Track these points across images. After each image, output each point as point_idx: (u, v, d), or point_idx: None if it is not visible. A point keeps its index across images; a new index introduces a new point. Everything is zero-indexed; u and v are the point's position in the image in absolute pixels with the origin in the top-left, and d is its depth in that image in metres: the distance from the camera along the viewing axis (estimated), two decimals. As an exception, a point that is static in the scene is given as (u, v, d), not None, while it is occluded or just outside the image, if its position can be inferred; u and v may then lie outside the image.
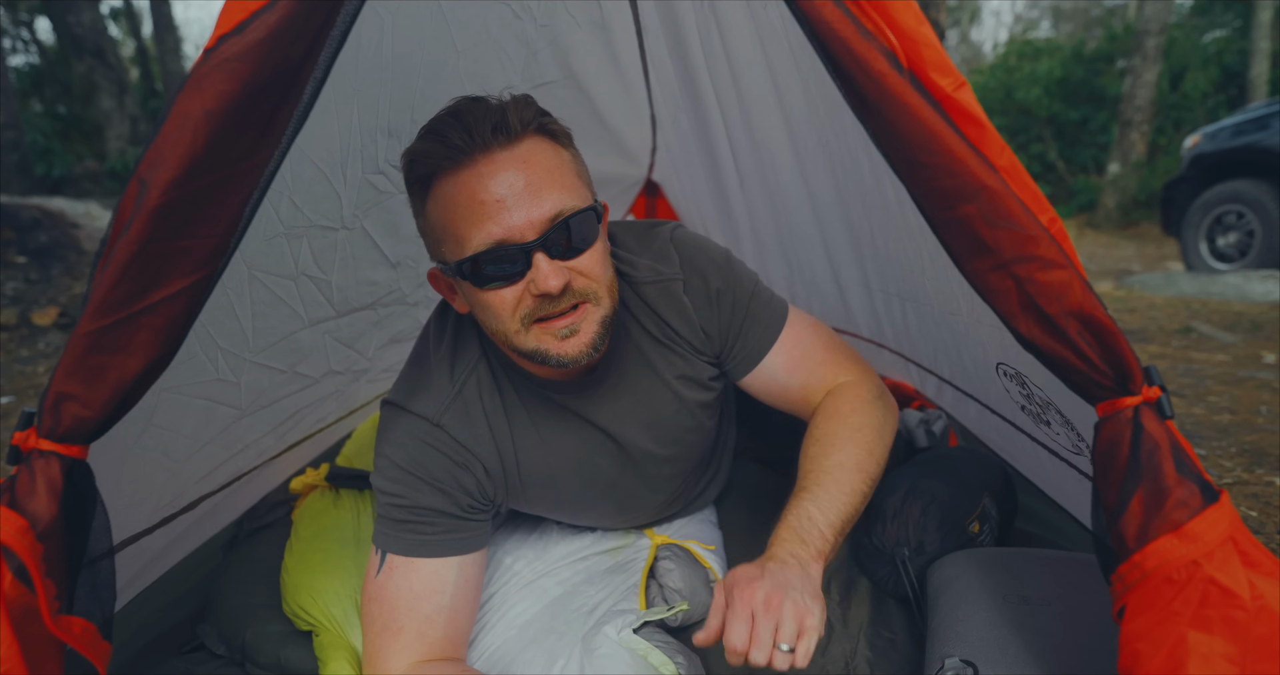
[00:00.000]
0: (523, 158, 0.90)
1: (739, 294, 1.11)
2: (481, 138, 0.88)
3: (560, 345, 0.95)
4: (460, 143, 0.88)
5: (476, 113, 0.90)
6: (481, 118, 0.89)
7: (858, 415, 1.06)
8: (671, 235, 1.12)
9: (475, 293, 0.94)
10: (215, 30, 0.72)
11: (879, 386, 1.14)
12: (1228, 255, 5.51)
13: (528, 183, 0.89)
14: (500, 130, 0.89)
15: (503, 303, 0.93)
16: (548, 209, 0.90)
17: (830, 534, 0.93)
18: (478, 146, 0.89)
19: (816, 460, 1.01)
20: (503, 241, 0.89)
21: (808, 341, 1.15)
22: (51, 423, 0.76)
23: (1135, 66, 10.42)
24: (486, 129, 0.88)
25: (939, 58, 0.79)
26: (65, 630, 0.76)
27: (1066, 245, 0.79)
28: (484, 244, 0.89)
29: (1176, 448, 0.74)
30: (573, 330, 0.95)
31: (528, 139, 0.91)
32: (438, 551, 1.03)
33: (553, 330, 0.94)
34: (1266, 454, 2.13)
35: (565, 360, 0.96)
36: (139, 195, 0.72)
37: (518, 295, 0.92)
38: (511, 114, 0.90)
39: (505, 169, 0.89)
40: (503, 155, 0.89)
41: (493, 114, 0.89)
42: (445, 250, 0.95)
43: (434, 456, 1.05)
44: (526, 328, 0.94)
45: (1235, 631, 0.66)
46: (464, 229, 0.90)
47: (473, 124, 0.89)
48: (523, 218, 0.89)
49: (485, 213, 0.88)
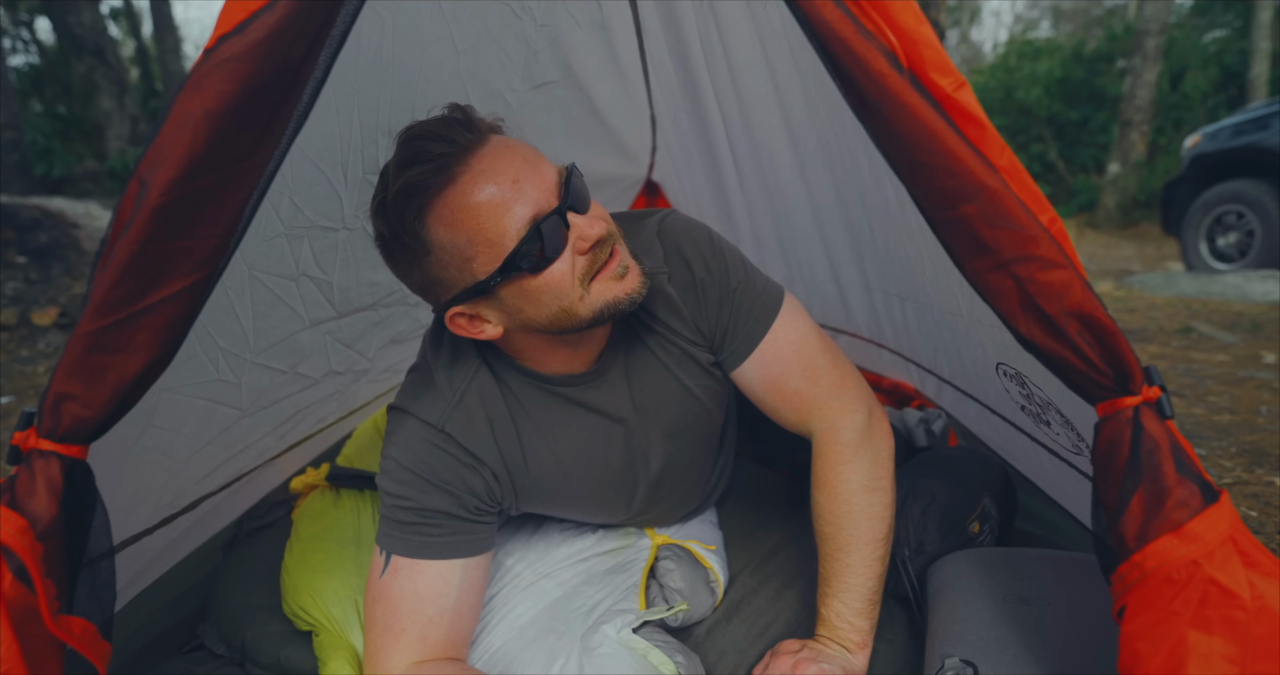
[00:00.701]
0: (503, 142, 0.90)
1: (723, 287, 1.09)
2: (464, 139, 0.87)
3: (623, 285, 0.96)
4: (446, 151, 0.86)
5: (438, 127, 0.88)
6: (449, 126, 0.88)
7: (852, 488, 1.08)
8: (659, 227, 1.11)
9: (530, 283, 0.92)
10: (215, 30, 0.72)
11: (865, 415, 1.11)
12: (1228, 255, 5.50)
13: (524, 158, 0.89)
14: (471, 128, 0.89)
15: (562, 275, 0.92)
16: (551, 173, 0.91)
17: (864, 623, 1.04)
18: (464, 148, 0.87)
19: (833, 559, 1.07)
20: (536, 217, 0.88)
21: (786, 360, 1.11)
22: (51, 423, 0.76)
23: (1135, 66, 10.42)
24: (461, 131, 0.88)
25: (939, 58, 0.79)
26: (65, 630, 0.76)
27: (1066, 245, 0.79)
28: (522, 227, 0.88)
29: (1176, 448, 0.74)
30: (625, 267, 0.96)
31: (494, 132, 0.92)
32: (443, 553, 1.03)
33: (610, 274, 0.95)
34: (1266, 454, 2.13)
35: (634, 295, 0.96)
36: (139, 195, 0.72)
37: (570, 262, 0.92)
38: (470, 114, 0.90)
39: (501, 155, 0.88)
40: (490, 147, 0.89)
41: (455, 120, 0.89)
42: (476, 265, 0.89)
43: (441, 458, 1.05)
44: (587, 288, 0.94)
45: (1235, 631, 0.66)
46: (493, 226, 0.87)
47: (443, 133, 0.87)
48: (539, 188, 0.89)
49: (508, 198, 0.87)
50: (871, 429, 1.11)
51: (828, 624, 1.05)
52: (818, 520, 1.10)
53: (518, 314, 0.96)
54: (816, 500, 1.10)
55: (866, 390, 1.14)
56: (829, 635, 1.04)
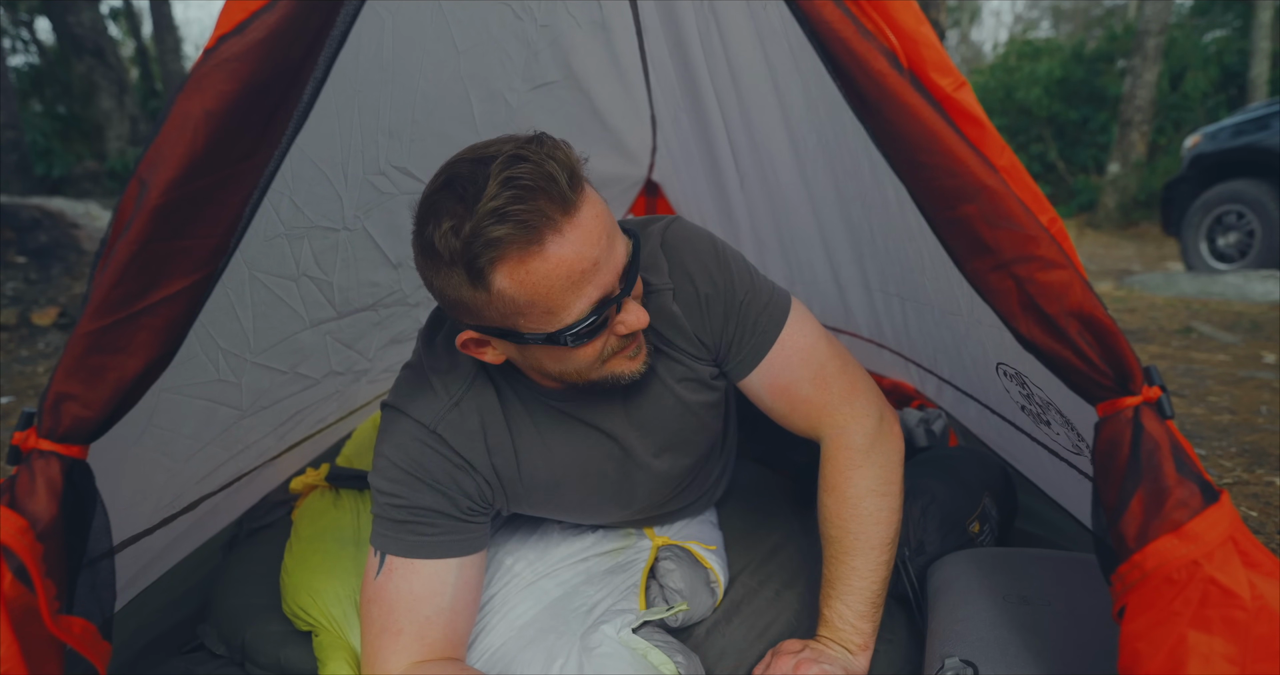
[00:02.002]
0: (596, 209, 0.85)
1: (729, 301, 1.07)
2: (564, 202, 0.81)
3: (631, 364, 0.99)
4: (539, 220, 0.79)
5: (539, 176, 0.79)
6: (547, 181, 0.79)
7: (861, 492, 1.07)
8: (663, 238, 1.08)
9: (560, 352, 0.92)
10: (215, 30, 0.72)
11: (876, 420, 1.10)
12: (1228, 255, 5.50)
13: (606, 234, 0.86)
14: (575, 185, 0.82)
15: (593, 351, 0.93)
16: (621, 253, 0.89)
17: (866, 625, 1.04)
18: (560, 215, 0.81)
19: (837, 562, 1.07)
20: (601, 300, 0.87)
21: (795, 368, 1.09)
22: (51, 423, 0.76)
23: (1135, 66, 10.42)
24: (560, 191, 0.80)
25: (939, 58, 0.79)
26: (65, 630, 0.76)
27: (1066, 245, 0.79)
28: (586, 310, 0.86)
29: (1176, 448, 0.74)
30: (640, 346, 0.99)
31: (587, 180, 0.86)
32: (437, 553, 1.03)
33: (627, 355, 0.97)
34: (1266, 454, 2.13)
35: (635, 375, 0.99)
36: (139, 195, 0.72)
37: (604, 341, 0.93)
38: (568, 160, 0.82)
39: (590, 228, 0.83)
40: (584, 214, 0.83)
41: (554, 171, 0.80)
42: (523, 323, 0.87)
43: (433, 458, 1.05)
44: (603, 363, 0.96)
45: (1235, 631, 0.66)
46: (559, 300, 0.84)
47: (541, 189, 0.79)
48: (612, 272, 0.87)
49: (585, 280, 0.84)
50: (882, 433, 1.10)
51: (830, 625, 1.05)
52: (824, 523, 1.09)
53: (534, 362, 0.98)
54: (824, 503, 1.10)
55: (877, 394, 1.13)
56: (831, 636, 1.04)
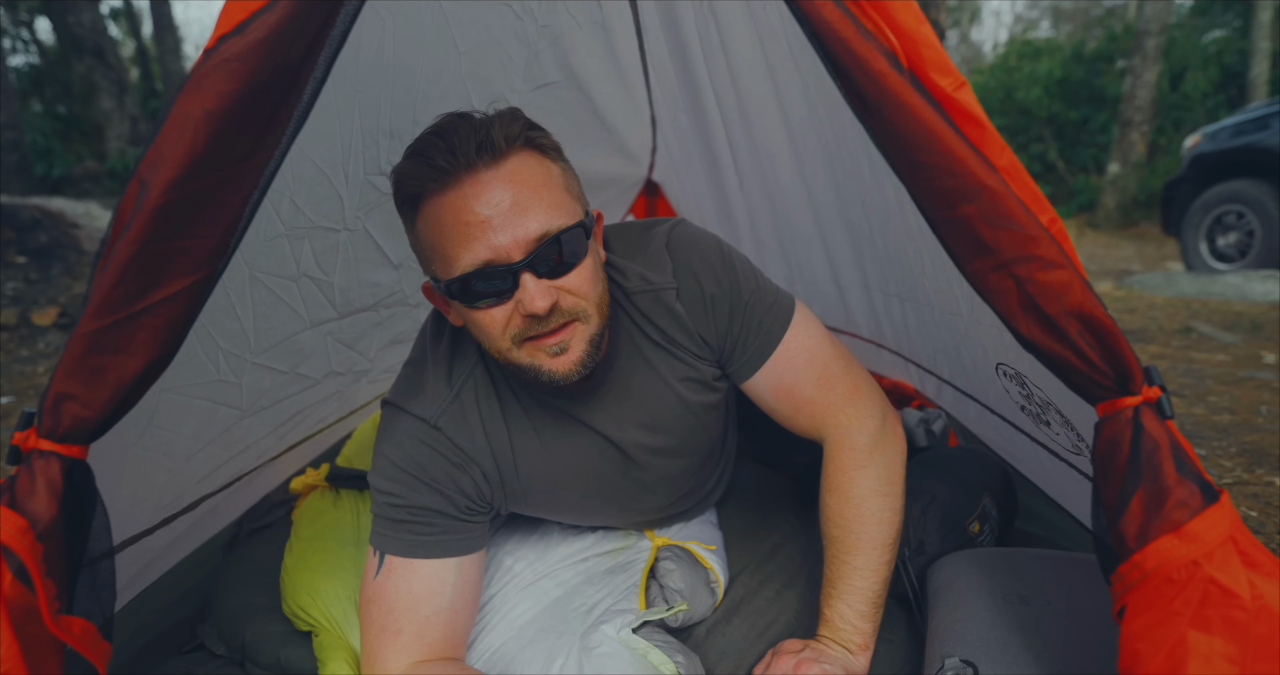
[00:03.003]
0: (508, 176, 0.89)
1: (734, 301, 1.07)
2: (466, 157, 0.87)
3: (551, 362, 0.95)
4: (444, 163, 0.87)
5: (461, 131, 0.88)
6: (465, 136, 0.87)
7: (863, 492, 1.07)
8: (668, 238, 1.09)
9: (466, 311, 0.95)
10: (215, 30, 0.72)
11: (880, 420, 1.11)
12: (1228, 255, 5.51)
13: (514, 201, 0.88)
14: (485, 148, 0.88)
15: (493, 321, 0.93)
16: (534, 228, 0.89)
17: (867, 625, 1.04)
18: (462, 166, 0.87)
19: (839, 562, 1.06)
20: (490, 262, 0.88)
21: (799, 369, 1.10)
22: (51, 423, 0.76)
23: (1135, 66, 10.42)
24: (470, 147, 0.87)
25: (939, 58, 0.79)
26: (65, 630, 0.76)
27: (1066, 245, 0.79)
28: (471, 265, 0.89)
29: (1176, 448, 0.74)
30: (562, 347, 0.95)
31: (514, 155, 0.90)
32: (436, 552, 1.03)
33: (543, 347, 0.94)
34: (1266, 454, 2.13)
35: (556, 377, 0.96)
36: (139, 195, 0.72)
37: (507, 314, 0.92)
38: (496, 131, 0.88)
39: (490, 188, 0.88)
40: (488, 174, 0.88)
41: (477, 131, 0.88)
42: (435, 268, 0.94)
43: (432, 457, 1.05)
44: (518, 345, 0.95)
45: (1235, 631, 0.66)
46: (451, 249, 0.89)
47: (457, 143, 0.87)
48: (509, 238, 0.88)
49: (471, 234, 0.88)
50: (885, 434, 1.10)
51: (831, 625, 1.05)
52: (826, 522, 1.09)
53: (468, 325, 0.99)
54: (826, 503, 1.10)
55: (880, 395, 1.14)
56: (831, 636, 1.04)
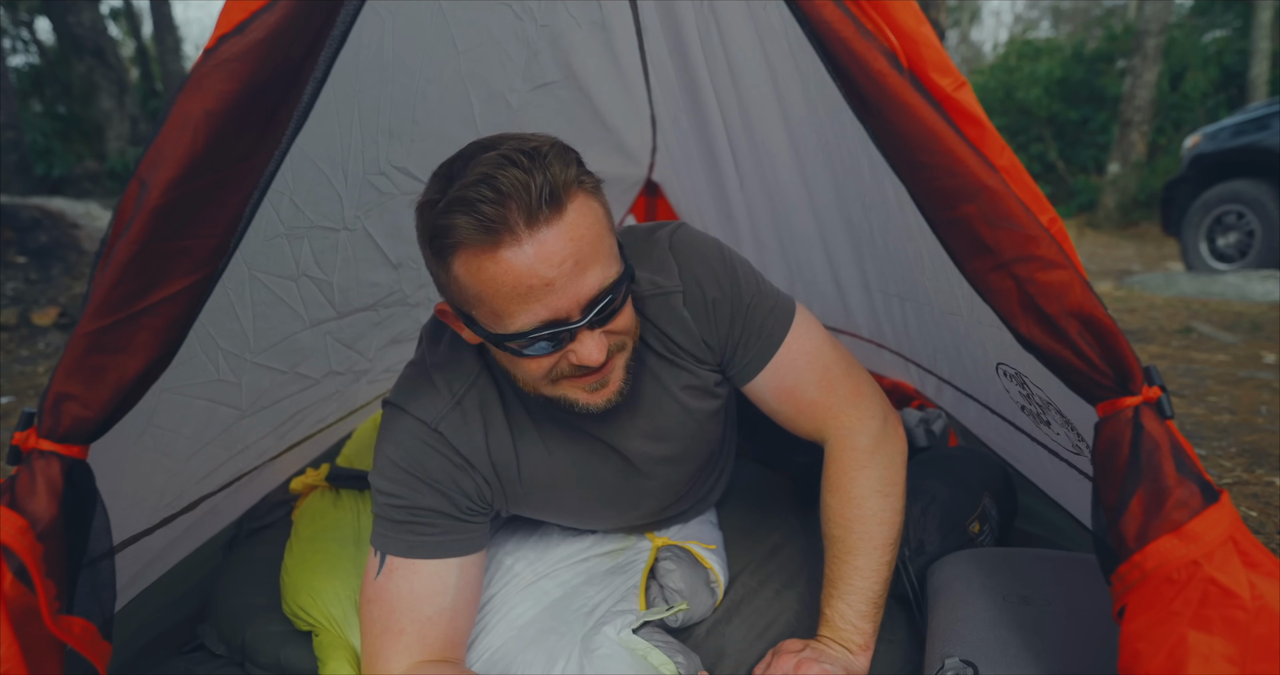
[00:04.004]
0: (569, 232, 0.80)
1: (736, 304, 1.07)
2: (525, 212, 0.78)
3: (589, 397, 0.95)
4: (499, 224, 0.77)
5: (516, 183, 0.77)
6: (522, 189, 0.77)
7: (865, 492, 1.07)
8: (671, 241, 1.08)
9: (509, 357, 0.91)
10: (215, 30, 0.72)
11: (881, 421, 1.11)
12: (1228, 255, 5.51)
13: (576, 261, 0.81)
14: (544, 202, 0.78)
15: (539, 367, 0.90)
16: (594, 285, 0.84)
17: (867, 625, 1.04)
18: (521, 223, 0.78)
19: (840, 562, 1.06)
20: (548, 322, 0.83)
21: (801, 371, 1.10)
22: (51, 423, 0.76)
23: (1135, 66, 10.42)
24: (529, 200, 0.77)
25: (939, 58, 0.79)
26: (65, 630, 0.76)
27: (1066, 245, 0.79)
28: (529, 325, 0.83)
29: (1176, 448, 0.74)
30: (603, 383, 0.94)
31: (571, 203, 0.81)
32: (437, 552, 1.03)
33: (583, 385, 0.93)
34: (1266, 454, 2.13)
35: (593, 409, 0.96)
36: (139, 195, 0.72)
37: (554, 361, 0.90)
38: (557, 178, 0.79)
39: (552, 248, 0.79)
40: (550, 232, 0.79)
41: (535, 183, 0.77)
42: (475, 313, 0.87)
43: (433, 457, 1.05)
44: (554, 382, 0.93)
45: (1235, 631, 0.66)
46: (504, 307, 0.82)
47: (513, 195, 0.77)
48: (571, 299, 0.83)
49: (532, 296, 0.81)
50: (886, 435, 1.11)
51: (831, 625, 1.05)
52: (827, 522, 1.09)
53: (494, 355, 0.97)
54: (827, 503, 1.10)
55: (881, 396, 1.14)
56: (832, 636, 1.04)
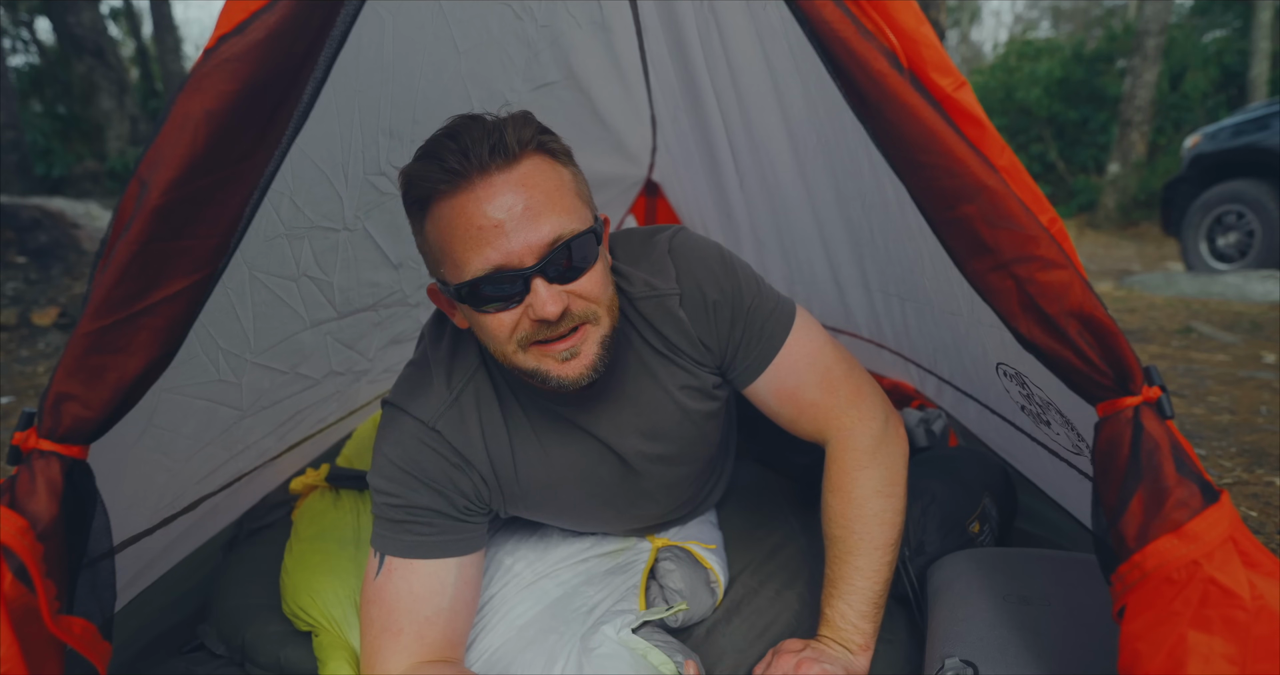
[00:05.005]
0: (520, 180, 0.88)
1: (736, 306, 1.07)
2: (478, 160, 0.86)
3: (560, 367, 0.95)
4: (457, 165, 0.86)
5: (473, 133, 0.87)
6: (478, 139, 0.86)
7: (866, 493, 1.07)
8: (670, 245, 1.09)
9: (473, 314, 0.94)
10: (215, 30, 0.72)
11: (882, 422, 1.11)
12: (1228, 255, 5.51)
13: (526, 206, 0.87)
14: (498, 151, 0.86)
15: (500, 325, 0.92)
16: (546, 233, 0.88)
17: (867, 625, 1.04)
18: (474, 169, 0.86)
19: (841, 562, 1.07)
20: (501, 267, 0.87)
21: (802, 372, 1.10)
22: (51, 423, 0.76)
23: (1135, 66, 10.43)
24: (484, 150, 0.86)
25: (939, 58, 0.79)
26: (65, 630, 0.76)
27: (1066, 245, 0.79)
28: (482, 269, 0.87)
29: (1176, 448, 0.74)
30: (573, 353, 0.94)
31: (526, 159, 0.89)
32: (436, 552, 1.03)
33: (552, 353, 0.94)
34: (1266, 454, 2.13)
35: (565, 382, 0.95)
36: (139, 195, 0.72)
37: (515, 319, 0.91)
38: (509, 133, 0.87)
39: (503, 192, 0.87)
40: (500, 178, 0.87)
41: (490, 134, 0.86)
42: (444, 271, 0.93)
43: (431, 457, 1.05)
44: (524, 349, 0.94)
45: (1235, 631, 0.66)
46: (462, 253, 0.88)
47: (469, 145, 0.86)
48: (521, 243, 0.87)
49: (483, 238, 0.86)
50: (887, 435, 1.11)
51: (831, 625, 1.05)
52: (828, 523, 1.09)
53: (474, 328, 0.98)
54: (828, 503, 1.10)
55: (882, 397, 1.14)
56: (832, 636, 1.04)
